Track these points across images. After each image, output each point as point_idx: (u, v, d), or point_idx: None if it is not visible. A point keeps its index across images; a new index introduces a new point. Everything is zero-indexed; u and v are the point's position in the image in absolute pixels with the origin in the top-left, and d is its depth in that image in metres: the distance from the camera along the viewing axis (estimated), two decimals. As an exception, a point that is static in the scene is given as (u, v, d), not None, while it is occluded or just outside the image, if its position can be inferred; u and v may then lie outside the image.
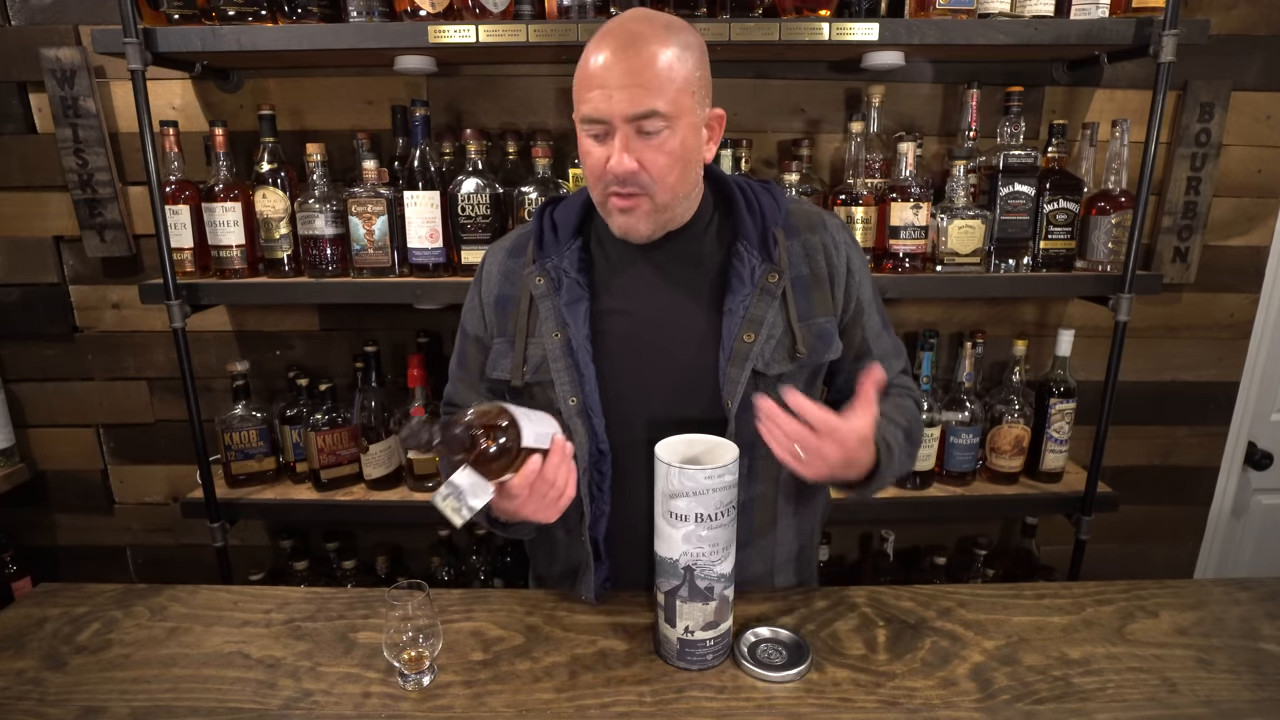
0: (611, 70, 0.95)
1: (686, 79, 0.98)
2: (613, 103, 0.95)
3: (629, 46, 0.95)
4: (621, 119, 0.96)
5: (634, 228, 1.03)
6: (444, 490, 0.92)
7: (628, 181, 0.98)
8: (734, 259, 1.08)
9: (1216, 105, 1.81)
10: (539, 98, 1.84)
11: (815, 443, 0.94)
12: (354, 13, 1.53)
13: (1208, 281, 1.95)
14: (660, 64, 0.95)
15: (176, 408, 2.02)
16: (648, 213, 1.02)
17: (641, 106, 0.95)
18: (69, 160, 1.80)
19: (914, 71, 1.81)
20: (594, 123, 0.98)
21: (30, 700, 0.98)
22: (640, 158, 0.97)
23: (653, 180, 0.99)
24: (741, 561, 1.12)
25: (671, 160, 0.99)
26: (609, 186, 1.00)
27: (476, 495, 0.92)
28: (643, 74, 0.94)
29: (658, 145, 0.98)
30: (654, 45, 0.95)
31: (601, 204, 1.05)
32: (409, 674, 0.99)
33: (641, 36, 0.96)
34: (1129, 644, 1.07)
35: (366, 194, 1.63)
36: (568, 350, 1.08)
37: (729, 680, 0.99)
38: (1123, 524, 2.10)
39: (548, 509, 0.99)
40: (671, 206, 1.04)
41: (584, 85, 0.98)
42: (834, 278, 1.12)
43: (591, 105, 0.97)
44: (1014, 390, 1.81)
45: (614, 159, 0.97)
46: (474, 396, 1.23)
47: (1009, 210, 1.66)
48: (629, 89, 0.94)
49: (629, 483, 1.10)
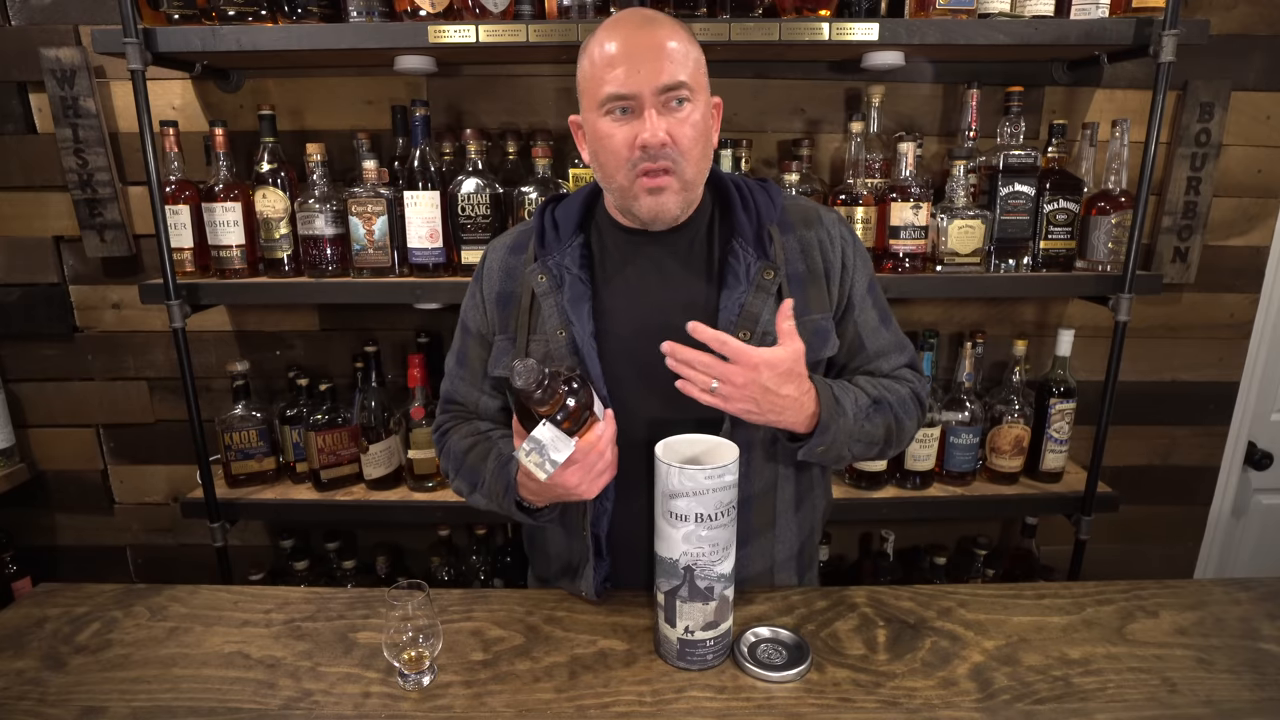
0: (635, 47, 0.97)
1: (697, 60, 1.02)
2: (641, 76, 0.96)
3: (645, 25, 0.99)
4: (651, 91, 0.97)
5: (664, 206, 1.03)
6: (526, 446, 0.93)
7: (659, 156, 0.98)
8: (730, 256, 1.08)
9: (1216, 105, 1.81)
10: (539, 98, 1.84)
11: (722, 369, 0.94)
12: (354, 13, 1.53)
13: (1208, 281, 1.95)
14: (678, 40, 0.99)
15: (176, 408, 2.02)
16: (677, 191, 1.02)
17: (671, 78, 0.97)
18: (69, 160, 1.80)
19: (914, 71, 1.81)
20: (620, 99, 0.98)
21: (30, 700, 0.98)
22: (670, 130, 0.98)
23: (681, 154, 1.00)
24: (742, 559, 1.12)
25: (696, 134, 1.00)
26: (638, 165, 1.00)
27: (558, 449, 0.93)
28: (665, 48, 0.97)
29: (684, 117, 0.99)
30: (667, 27, 1.00)
31: (626, 189, 1.03)
32: (409, 674, 0.99)
33: (654, 20, 1.01)
34: (1129, 644, 1.07)
35: (366, 194, 1.63)
36: (573, 348, 1.08)
37: (729, 680, 0.99)
38: (1123, 524, 2.10)
39: (593, 481, 0.99)
40: (696, 185, 1.05)
41: (603, 67, 0.98)
42: (829, 273, 1.12)
43: (617, 83, 0.97)
44: (1014, 390, 1.81)
45: (648, 130, 0.97)
46: (476, 394, 1.23)
47: (1009, 210, 1.66)
48: (655, 61, 0.96)
49: (630, 481, 1.10)
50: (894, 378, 1.18)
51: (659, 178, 1.00)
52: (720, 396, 0.96)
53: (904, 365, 1.20)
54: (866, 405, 1.09)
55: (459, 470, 1.19)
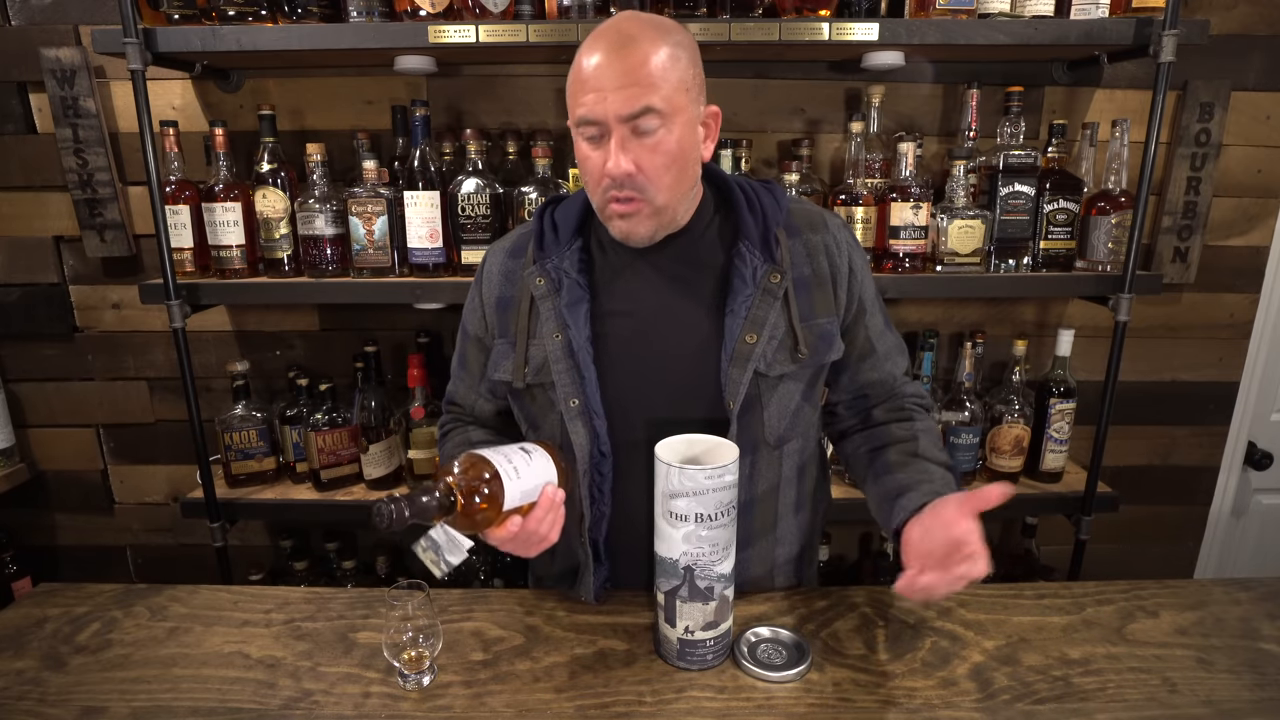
0: (605, 72, 0.95)
1: (680, 78, 0.97)
2: (607, 104, 0.95)
3: (621, 48, 0.95)
4: (616, 119, 0.95)
5: (634, 232, 1.03)
6: (423, 543, 0.93)
7: (625, 185, 0.98)
8: (735, 259, 1.08)
9: (1216, 105, 1.81)
10: (539, 98, 1.84)
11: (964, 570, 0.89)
12: (354, 13, 1.53)
13: (1208, 281, 1.95)
14: (654, 63, 0.95)
15: (176, 408, 2.02)
16: (647, 216, 1.01)
17: (636, 105, 0.94)
18: (69, 160, 1.80)
19: (914, 71, 1.81)
20: (589, 124, 0.97)
21: (30, 700, 0.98)
22: (636, 159, 0.97)
23: (649, 182, 0.98)
24: (742, 562, 1.12)
25: (668, 160, 0.98)
26: (607, 191, 1.00)
27: (453, 553, 0.91)
28: (636, 73, 0.94)
29: (653, 145, 0.97)
30: (645, 45, 0.95)
31: (601, 209, 1.04)
32: (409, 674, 0.99)
33: (633, 38, 0.96)
34: (1129, 644, 1.07)
35: (366, 194, 1.63)
36: (569, 352, 1.07)
37: (729, 680, 0.99)
38: (1123, 524, 2.10)
39: (527, 550, 1.00)
40: (671, 207, 1.03)
41: (578, 89, 0.97)
42: (836, 278, 1.12)
43: (586, 108, 0.96)
44: (1014, 390, 1.81)
45: (611, 161, 0.96)
46: (475, 397, 1.24)
47: (1009, 210, 1.66)
48: (623, 89, 0.94)
49: (629, 484, 1.10)
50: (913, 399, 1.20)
51: (628, 204, 1.00)
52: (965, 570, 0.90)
53: (905, 371, 1.22)
54: (945, 473, 1.10)
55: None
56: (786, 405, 1.11)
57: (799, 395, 1.12)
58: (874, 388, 1.20)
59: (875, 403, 1.21)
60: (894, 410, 1.20)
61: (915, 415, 1.18)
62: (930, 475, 1.07)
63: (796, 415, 1.12)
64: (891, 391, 1.21)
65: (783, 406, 1.10)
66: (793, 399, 1.11)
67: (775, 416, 1.10)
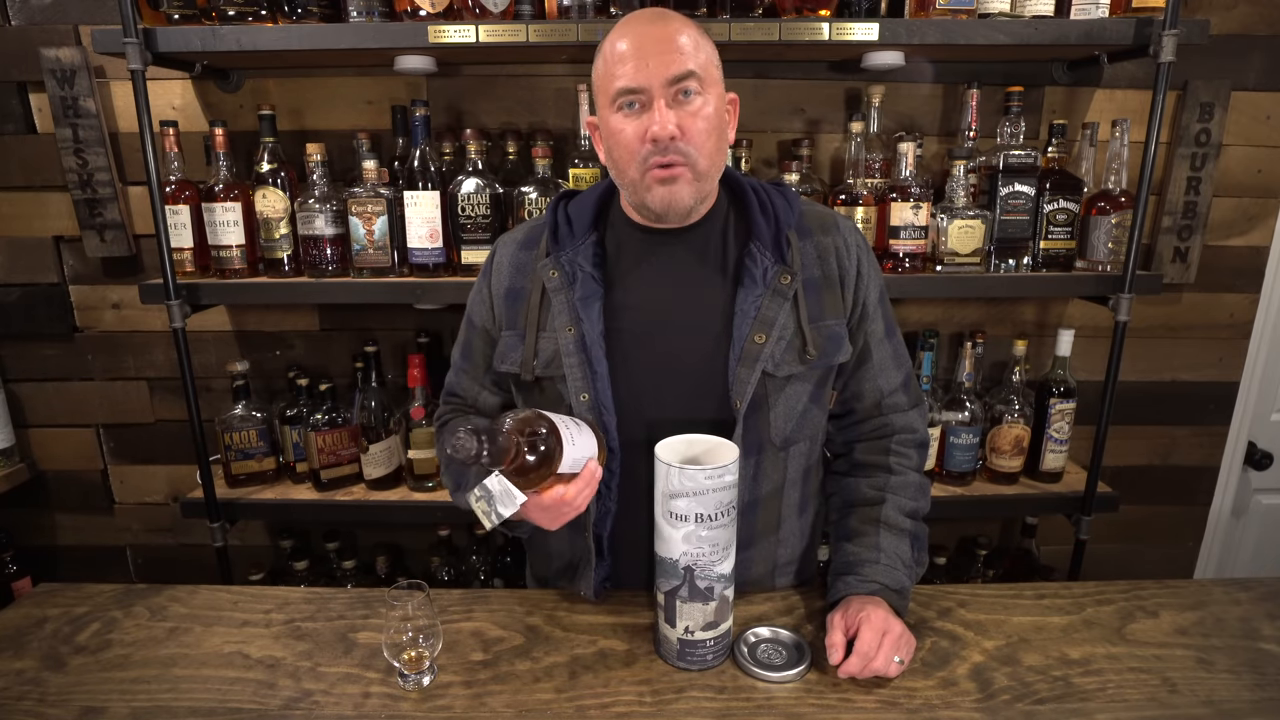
0: (644, 42, 0.98)
1: (709, 55, 1.02)
2: (650, 69, 0.97)
3: (655, 21, 1.00)
4: (660, 83, 0.97)
5: (677, 197, 1.02)
6: (477, 492, 0.93)
7: (669, 149, 0.99)
8: (747, 259, 1.08)
9: (1216, 105, 1.81)
10: (539, 98, 1.84)
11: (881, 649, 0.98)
12: (354, 13, 1.53)
13: (1208, 281, 1.95)
14: (689, 34, 1.00)
15: (176, 408, 2.02)
16: (689, 181, 1.01)
17: (680, 68, 0.97)
18: (69, 160, 1.80)
19: (914, 71, 1.81)
20: (629, 94, 0.99)
21: (30, 700, 0.98)
22: (680, 123, 0.98)
23: (693, 147, 1.00)
24: (744, 562, 1.12)
25: (709, 127, 1.00)
26: (648, 159, 1.00)
27: (505, 504, 0.91)
28: (674, 40, 0.98)
29: (695, 110, 0.99)
30: (677, 22, 1.01)
31: (638, 181, 1.03)
32: (409, 674, 0.99)
33: (664, 15, 1.02)
34: (1129, 644, 1.07)
35: (366, 194, 1.63)
36: (581, 346, 1.07)
37: (729, 680, 0.99)
38: (1123, 524, 2.10)
39: (554, 521, 1.00)
40: (710, 177, 1.04)
41: (614, 64, 0.99)
42: (844, 280, 1.12)
43: (627, 78, 0.98)
44: (1014, 390, 1.81)
45: (657, 122, 0.97)
46: (478, 388, 1.23)
47: (1009, 210, 1.66)
48: (664, 54, 0.97)
49: (635, 482, 1.10)
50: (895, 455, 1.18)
51: (670, 169, 1.00)
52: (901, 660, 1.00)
53: (901, 385, 1.19)
54: (908, 551, 1.12)
55: (447, 467, 1.21)
56: (794, 407, 1.11)
57: (806, 397, 1.12)
58: (860, 401, 1.19)
59: (860, 420, 1.20)
60: (877, 451, 1.19)
61: (894, 466, 1.17)
62: (878, 554, 1.10)
63: (804, 417, 1.12)
64: (879, 414, 1.19)
65: (790, 408, 1.10)
66: (800, 400, 1.11)
67: (782, 417, 1.10)
